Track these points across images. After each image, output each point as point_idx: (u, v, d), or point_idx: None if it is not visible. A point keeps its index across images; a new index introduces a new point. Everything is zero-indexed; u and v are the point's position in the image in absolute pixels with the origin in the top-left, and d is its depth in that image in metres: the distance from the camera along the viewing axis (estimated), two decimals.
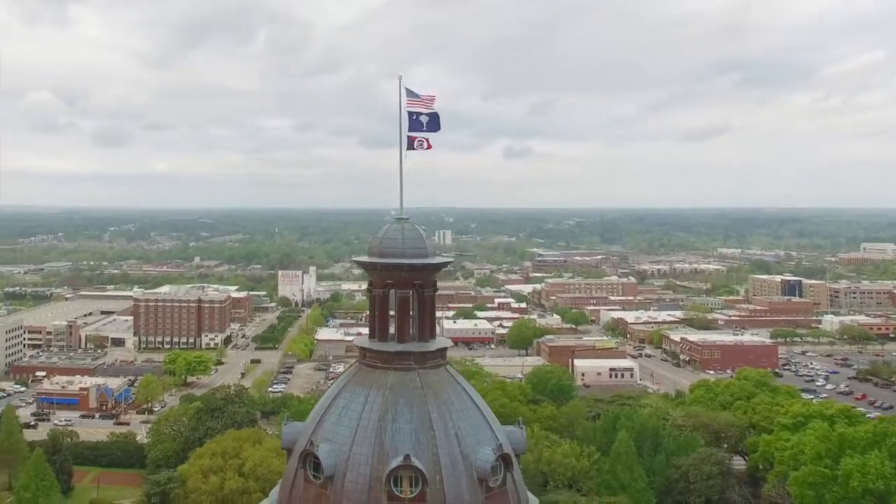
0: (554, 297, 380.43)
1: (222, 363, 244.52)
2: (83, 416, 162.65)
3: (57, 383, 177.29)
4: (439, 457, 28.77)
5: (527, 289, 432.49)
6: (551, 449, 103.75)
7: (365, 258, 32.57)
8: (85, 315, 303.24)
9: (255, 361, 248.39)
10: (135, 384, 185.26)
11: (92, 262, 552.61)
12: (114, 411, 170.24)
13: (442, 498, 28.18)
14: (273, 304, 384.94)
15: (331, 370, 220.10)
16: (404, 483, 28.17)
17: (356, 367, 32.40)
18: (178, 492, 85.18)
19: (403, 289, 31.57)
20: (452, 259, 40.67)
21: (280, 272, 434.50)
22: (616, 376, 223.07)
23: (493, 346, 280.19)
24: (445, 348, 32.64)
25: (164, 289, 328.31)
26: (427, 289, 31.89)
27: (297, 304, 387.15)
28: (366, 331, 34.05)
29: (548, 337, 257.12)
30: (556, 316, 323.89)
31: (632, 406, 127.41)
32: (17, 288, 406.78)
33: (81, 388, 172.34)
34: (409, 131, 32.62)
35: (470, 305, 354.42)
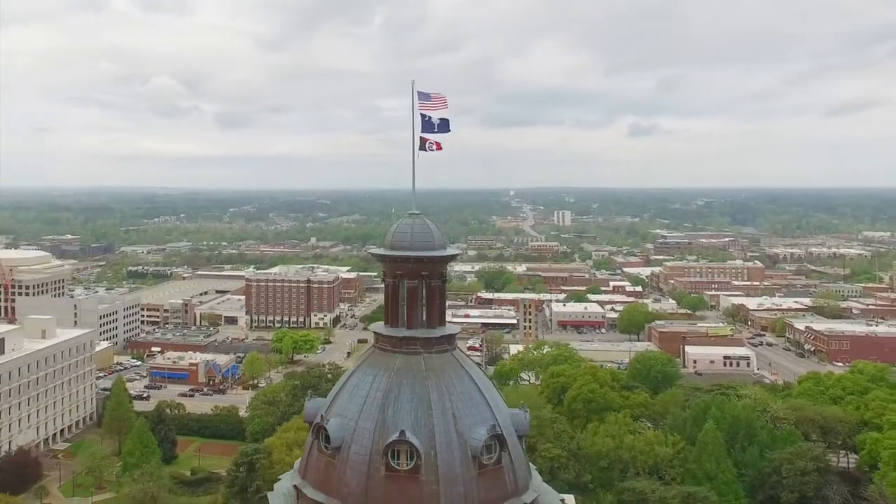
0: (672, 281, 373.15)
1: (330, 342, 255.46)
2: (192, 390, 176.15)
3: (169, 358, 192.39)
4: (435, 434, 32.55)
5: (645, 272, 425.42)
6: (633, 436, 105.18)
7: (380, 250, 36.61)
8: (200, 294, 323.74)
9: (362, 341, 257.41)
10: (242, 361, 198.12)
11: (211, 243, 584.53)
12: (221, 386, 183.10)
13: (435, 472, 31.98)
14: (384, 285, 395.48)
15: None
16: (402, 456, 32.16)
17: (371, 349, 36.67)
18: (264, 462, 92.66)
19: (412, 279, 35.50)
20: (459, 252, 44.11)
21: None
22: (731, 364, 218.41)
23: (603, 330, 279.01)
24: (453, 335, 36.34)
25: (276, 269, 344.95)
26: (434, 279, 35.65)
27: None
28: (473, 311, 38.07)
29: (658, 322, 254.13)
30: (671, 301, 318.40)
31: (729, 396, 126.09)
32: (140, 267, 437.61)
33: (191, 364, 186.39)
34: (421, 132, 36.29)
35: (583, 288, 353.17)
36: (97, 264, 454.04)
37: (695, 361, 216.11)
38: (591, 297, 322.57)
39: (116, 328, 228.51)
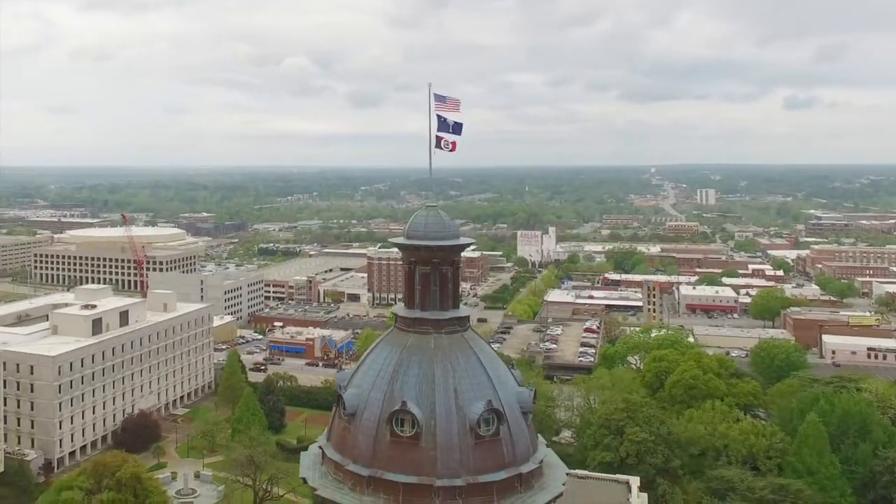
0: (820, 266, 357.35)
1: None
2: (308, 364, 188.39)
3: (287, 333, 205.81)
4: (436, 406, 37.49)
5: (791, 255, 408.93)
6: (726, 424, 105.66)
7: (399, 239, 41.80)
8: (325, 271, 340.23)
9: (482, 320, 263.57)
10: (358, 337, 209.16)
11: (341, 221, 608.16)
12: (335, 361, 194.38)
13: (434, 439, 36.94)
14: (510, 265, 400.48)
15: (548, 332, 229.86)
16: (405, 424, 37.32)
17: (391, 329, 41.92)
18: None
19: (425, 266, 40.49)
20: (473, 241, 48.27)
21: (519, 232, 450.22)
22: (876, 357, 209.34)
23: (735, 315, 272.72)
24: (464, 317, 41.06)
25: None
26: (445, 266, 40.44)
27: (534, 264, 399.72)
28: (597, 292, 42.75)
29: (794, 309, 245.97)
30: (814, 286, 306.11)
31: (849, 389, 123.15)
32: (271, 244, 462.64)
33: (308, 339, 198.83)
34: (437, 131, 40.96)
35: (719, 271, 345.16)
36: (230, 241, 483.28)
37: (833, 352, 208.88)
38: (726, 280, 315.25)
39: (241, 303, 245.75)
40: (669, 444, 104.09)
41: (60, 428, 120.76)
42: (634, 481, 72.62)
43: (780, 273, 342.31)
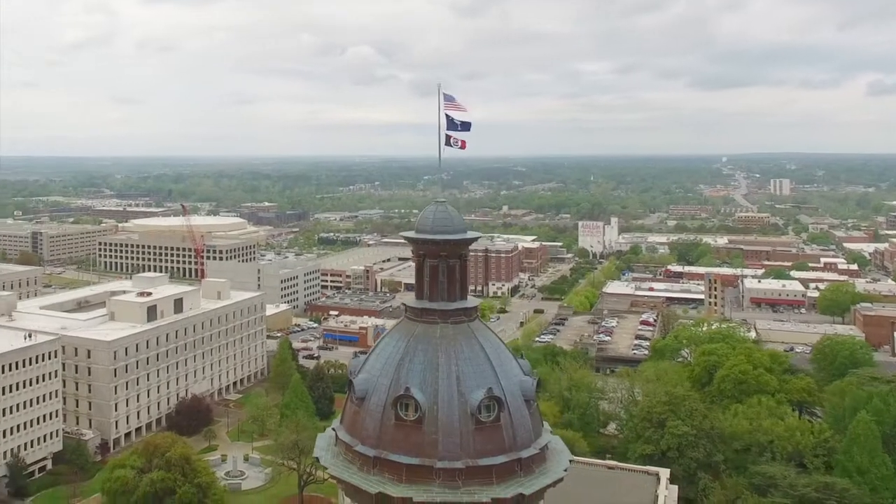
0: None
1: (506, 311, 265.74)
2: (360, 352, 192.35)
3: (341, 322, 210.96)
4: (438, 392, 39.99)
5: (869, 248, 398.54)
6: (771, 420, 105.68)
7: (409, 233, 44.36)
8: (383, 261, 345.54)
9: (539, 311, 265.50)
10: None
11: (402, 210, 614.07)
12: None
13: (436, 423, 39.45)
14: (570, 255, 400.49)
15: (603, 324, 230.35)
16: (409, 408, 39.95)
17: (402, 318, 44.59)
18: None
19: (433, 259, 42.94)
20: (480, 236, 50.39)
21: (580, 223, 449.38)
22: None
23: (802, 310, 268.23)
24: (470, 308, 43.32)
25: None
26: (452, 259, 42.83)
27: (595, 255, 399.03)
28: (658, 284, 44.77)
29: (864, 305, 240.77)
30: (891, 282, 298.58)
31: None
32: (332, 234, 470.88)
33: (361, 328, 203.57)
34: (446, 130, 43.38)
35: (788, 264, 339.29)
36: (291, 231, 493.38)
37: None
38: (795, 273, 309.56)
39: (297, 292, 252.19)
40: (712, 439, 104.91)
41: (116, 410, 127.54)
42: (664, 473, 74.02)
43: (855, 267, 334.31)
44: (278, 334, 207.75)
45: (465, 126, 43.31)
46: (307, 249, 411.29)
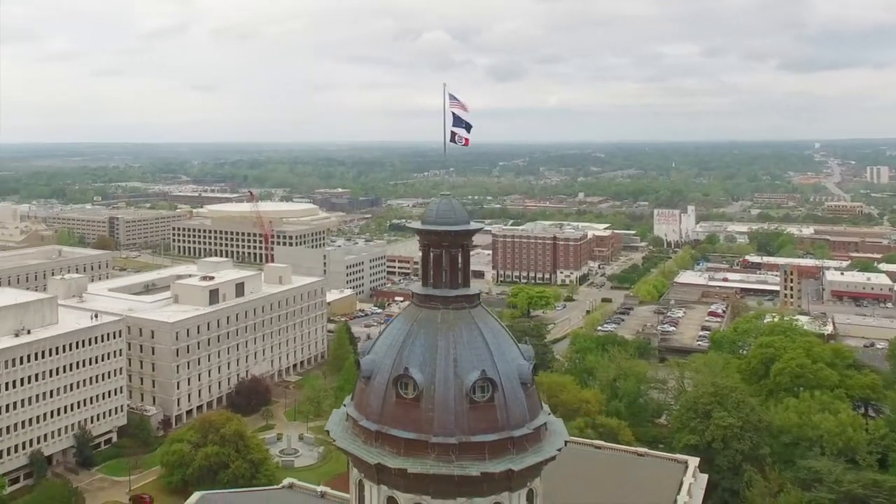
0: None
1: (573, 299, 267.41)
2: None
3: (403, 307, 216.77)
4: (436, 372, 43.67)
5: None
6: (822, 415, 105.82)
7: (415, 224, 48.16)
8: None
9: (606, 300, 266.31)
10: None
11: (476, 197, 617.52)
12: None
13: (432, 401, 43.14)
14: (643, 244, 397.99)
15: (669, 314, 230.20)
16: (408, 387, 43.81)
17: (409, 304, 48.45)
18: None
19: (436, 248, 46.59)
20: (482, 227, 53.75)
21: (656, 211, 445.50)
22: None
23: (889, 304, 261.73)
24: (471, 295, 46.63)
25: (528, 225, 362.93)
26: (454, 249, 46.36)
27: (669, 244, 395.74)
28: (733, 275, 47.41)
29: None
30: None
31: None
32: (403, 220, 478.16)
33: None
34: (451, 127, 46.90)
35: (877, 256, 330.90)
36: (363, 217, 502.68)
37: None
38: (884, 266, 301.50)
39: (363, 277, 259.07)
40: (759, 431, 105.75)
41: (178, 388, 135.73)
42: (693, 462, 75.81)
43: None
44: (342, 319, 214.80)
45: (468, 125, 46.85)
46: (378, 236, 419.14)
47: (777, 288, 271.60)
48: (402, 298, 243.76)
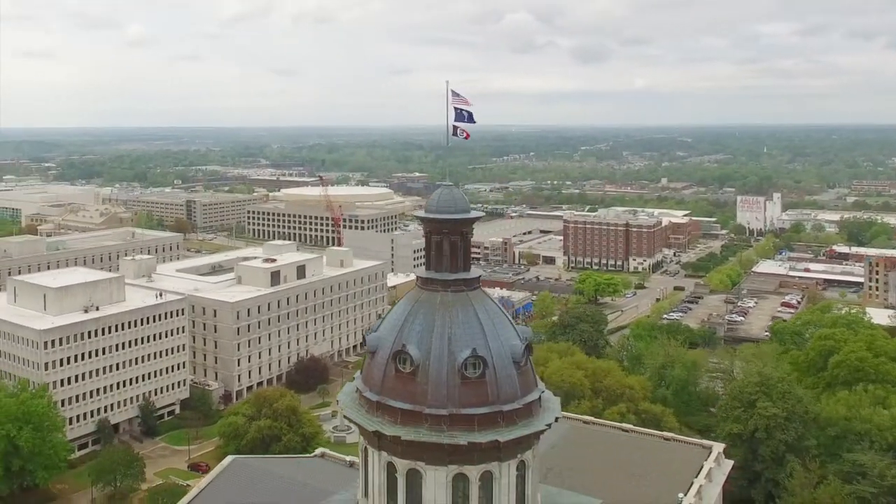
0: None
1: (644, 287, 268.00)
2: None
3: None
4: (431, 349, 48.31)
5: None
6: (873, 409, 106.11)
7: (420, 212, 52.78)
8: (524, 233, 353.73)
9: (679, 288, 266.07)
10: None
11: (555, 182, 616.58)
12: (513, 322, 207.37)
13: (427, 376, 47.78)
14: (724, 232, 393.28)
15: (739, 304, 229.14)
16: (406, 363, 48.60)
17: (414, 287, 53.19)
18: None
19: (437, 235, 51.15)
20: (481, 215, 57.60)
21: (739, 197, 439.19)
22: None
23: None
24: (470, 279, 50.98)
25: (601, 211, 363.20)
26: (454, 236, 50.82)
27: (752, 232, 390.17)
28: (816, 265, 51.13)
29: None
30: None
31: None
32: (479, 205, 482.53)
33: None
34: (454, 122, 51.27)
35: None
36: None
37: None
38: None
39: None
40: (806, 423, 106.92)
41: (239, 365, 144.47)
42: (718, 447, 78.34)
43: None
44: None
45: (470, 117, 51.15)
46: None
47: (861, 279, 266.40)
48: None
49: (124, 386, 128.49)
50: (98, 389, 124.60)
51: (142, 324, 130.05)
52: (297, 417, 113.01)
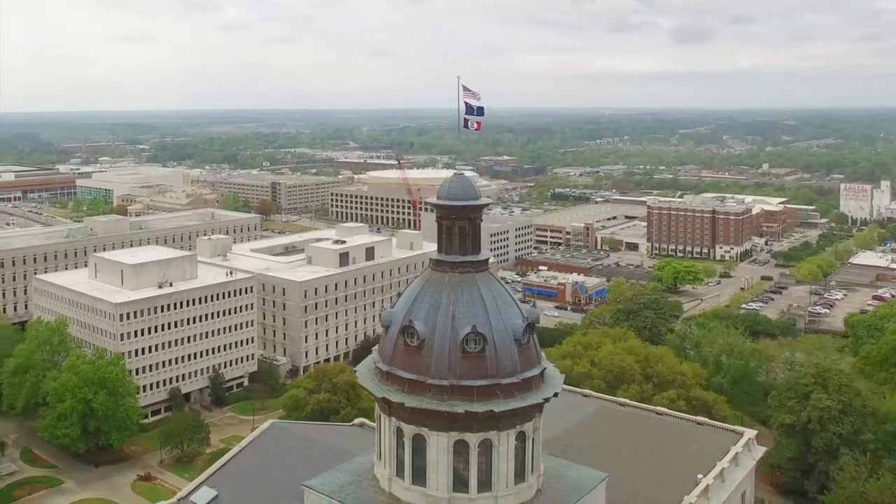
0: None
1: (729, 276, 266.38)
2: (556, 307, 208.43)
3: (542, 277, 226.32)
4: (437, 325, 53.65)
5: None
6: None
7: (432, 199, 58.03)
8: (608, 218, 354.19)
9: (766, 278, 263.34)
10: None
11: (647, 167, 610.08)
12: (584, 306, 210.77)
13: (431, 349, 53.18)
14: (824, 221, 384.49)
15: (826, 296, 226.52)
16: (414, 337, 54.07)
17: (427, 268, 58.57)
18: None
19: (447, 220, 56.36)
20: (490, 202, 62.28)
21: (843, 185, 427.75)
22: None
23: None
24: (478, 261, 55.94)
25: (687, 197, 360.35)
26: (462, 221, 55.89)
27: (855, 222, 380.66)
28: None
29: None
30: None
31: None
32: (567, 189, 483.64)
33: (559, 283, 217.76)
34: (465, 115, 56.30)
35: None
36: (526, 185, 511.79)
37: None
38: None
39: (507, 246, 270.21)
40: (863, 417, 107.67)
41: (306, 342, 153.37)
42: (750, 433, 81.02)
43: None
44: None
45: (480, 111, 56.24)
46: (536, 204, 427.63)
47: None
48: (545, 268, 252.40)
49: (195, 358, 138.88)
50: (170, 360, 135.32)
51: (212, 300, 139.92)
52: (356, 392, 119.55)
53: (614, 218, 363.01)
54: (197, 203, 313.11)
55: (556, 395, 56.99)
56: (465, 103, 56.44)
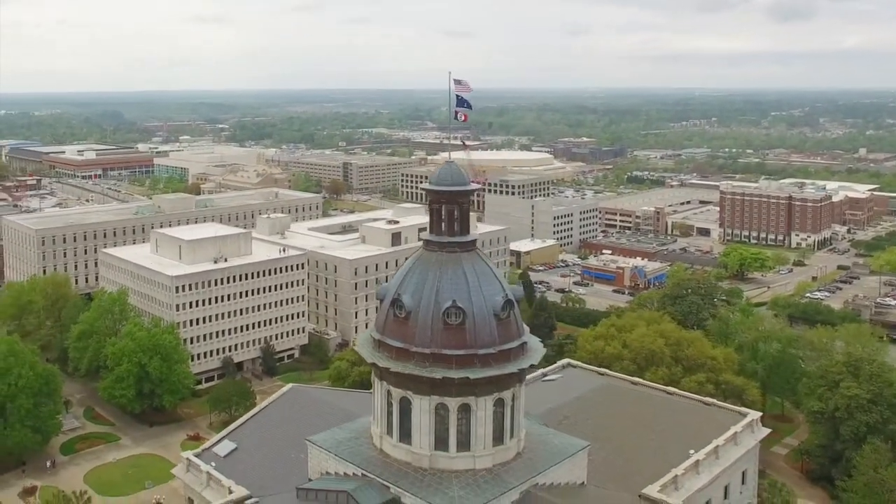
0: None
1: (803, 264, 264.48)
2: (614, 291, 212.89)
3: (601, 260, 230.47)
4: (422, 299, 60.46)
5: None
6: None
7: (425, 185, 64.74)
8: (681, 203, 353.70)
9: (843, 268, 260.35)
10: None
11: (733, 150, 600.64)
12: (643, 291, 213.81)
13: (417, 320, 60.01)
14: None
15: None
16: (401, 309, 61.00)
17: (420, 248, 65.33)
18: (571, 347, 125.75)
19: (437, 204, 62.98)
20: (478, 187, 68.46)
21: None
22: None
23: None
24: (466, 241, 62.37)
25: (762, 183, 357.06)
26: (451, 205, 62.35)
27: None
28: None
29: None
30: None
31: None
32: (645, 172, 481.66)
33: (618, 267, 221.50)
34: (455, 107, 62.76)
35: None
36: (604, 167, 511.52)
37: None
38: None
39: (571, 229, 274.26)
40: (893, 407, 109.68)
41: (356, 317, 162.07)
42: (754, 415, 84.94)
43: None
44: (541, 268, 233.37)
45: (468, 103, 62.79)
46: (612, 188, 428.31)
47: None
48: (609, 252, 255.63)
49: (247, 329, 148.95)
50: (223, 331, 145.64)
51: (264, 275, 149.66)
52: None
53: (688, 202, 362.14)
54: (267, 182, 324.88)
55: (532, 366, 63.56)
56: (457, 96, 62.77)
